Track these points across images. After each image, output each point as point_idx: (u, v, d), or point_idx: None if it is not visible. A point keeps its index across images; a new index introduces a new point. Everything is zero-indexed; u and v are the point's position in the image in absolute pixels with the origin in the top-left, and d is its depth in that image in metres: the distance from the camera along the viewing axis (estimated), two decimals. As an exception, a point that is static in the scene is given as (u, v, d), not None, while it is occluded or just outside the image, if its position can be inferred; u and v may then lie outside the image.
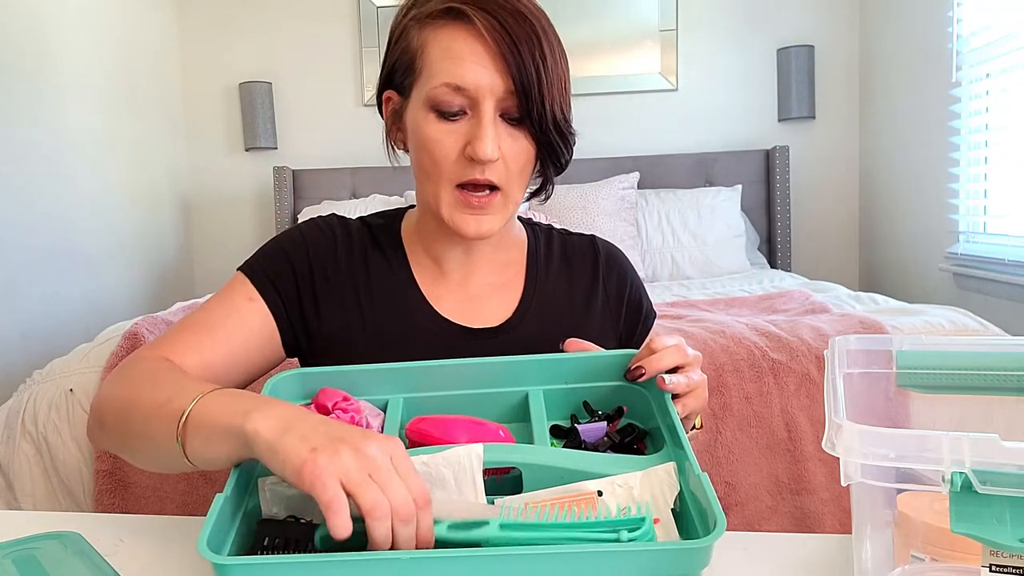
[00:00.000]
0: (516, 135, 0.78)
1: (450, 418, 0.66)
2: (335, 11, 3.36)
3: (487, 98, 0.75)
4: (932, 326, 1.59)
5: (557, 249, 0.93)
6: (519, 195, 0.82)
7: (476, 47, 0.75)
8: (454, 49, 0.75)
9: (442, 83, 0.75)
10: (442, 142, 0.76)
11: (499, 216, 0.80)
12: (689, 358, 0.70)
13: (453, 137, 0.76)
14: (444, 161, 0.77)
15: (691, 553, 0.48)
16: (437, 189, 0.79)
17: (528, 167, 0.81)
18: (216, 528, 0.51)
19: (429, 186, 0.80)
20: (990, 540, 0.43)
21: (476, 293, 0.88)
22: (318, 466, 0.50)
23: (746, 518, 1.43)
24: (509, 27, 0.74)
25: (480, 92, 0.75)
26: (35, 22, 2.49)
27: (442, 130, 0.76)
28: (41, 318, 2.46)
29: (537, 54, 0.75)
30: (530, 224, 0.96)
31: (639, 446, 0.68)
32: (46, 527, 0.68)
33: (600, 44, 3.23)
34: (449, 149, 0.76)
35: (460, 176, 0.77)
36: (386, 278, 0.87)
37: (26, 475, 1.45)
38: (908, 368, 0.60)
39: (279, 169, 3.23)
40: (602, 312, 0.91)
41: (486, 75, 0.74)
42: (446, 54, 0.75)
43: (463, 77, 0.74)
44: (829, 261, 3.26)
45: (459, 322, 0.85)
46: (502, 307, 0.88)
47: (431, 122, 0.77)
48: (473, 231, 0.79)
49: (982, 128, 2.37)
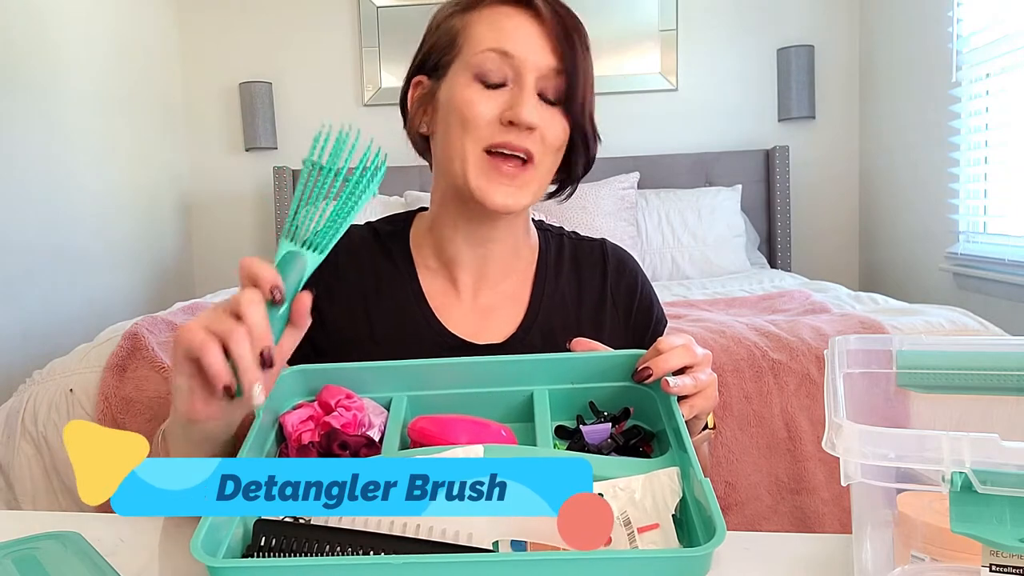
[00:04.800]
0: (554, 116, 0.79)
1: (452, 418, 0.66)
2: (335, 11, 3.36)
3: (531, 72, 0.77)
4: (932, 326, 1.59)
5: (568, 255, 0.92)
6: (547, 177, 0.82)
7: (526, 22, 0.78)
8: (504, 23, 0.78)
9: (488, 48, 0.77)
10: (479, 104, 0.77)
11: (526, 192, 0.79)
12: (698, 358, 0.69)
13: (491, 103, 0.77)
14: (478, 121, 0.77)
15: (690, 561, 0.48)
16: (465, 152, 0.78)
17: (561, 151, 0.81)
18: (212, 529, 0.51)
19: (456, 150, 0.79)
20: (990, 540, 0.43)
21: (485, 303, 0.87)
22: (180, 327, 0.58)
23: (746, 518, 1.43)
24: (561, 13, 0.78)
25: (526, 64, 0.76)
26: (35, 22, 2.49)
27: (482, 95, 0.77)
28: (41, 318, 2.46)
29: (579, 44, 0.78)
30: (542, 228, 0.94)
31: (645, 448, 0.67)
32: (46, 527, 0.67)
33: (600, 44, 3.18)
34: (485, 111, 0.77)
35: (492, 138, 0.77)
36: (393, 289, 0.86)
37: (26, 475, 1.45)
38: (908, 368, 0.59)
39: (279, 169, 3.23)
40: (611, 319, 0.89)
41: (535, 49, 0.77)
42: (494, 26, 0.78)
43: (512, 44, 0.77)
44: (829, 261, 3.26)
45: (466, 337, 0.84)
46: (509, 320, 0.86)
47: (472, 89, 0.78)
48: (500, 201, 0.78)
49: (982, 128, 2.37)
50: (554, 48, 0.77)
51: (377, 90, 3.35)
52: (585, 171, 0.87)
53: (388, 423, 0.67)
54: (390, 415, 0.68)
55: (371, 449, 0.64)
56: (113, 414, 1.42)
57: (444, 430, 0.63)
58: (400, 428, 0.66)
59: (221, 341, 0.56)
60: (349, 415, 0.65)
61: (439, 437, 0.63)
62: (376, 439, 0.65)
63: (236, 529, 0.55)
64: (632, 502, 0.57)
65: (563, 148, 0.81)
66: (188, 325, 0.57)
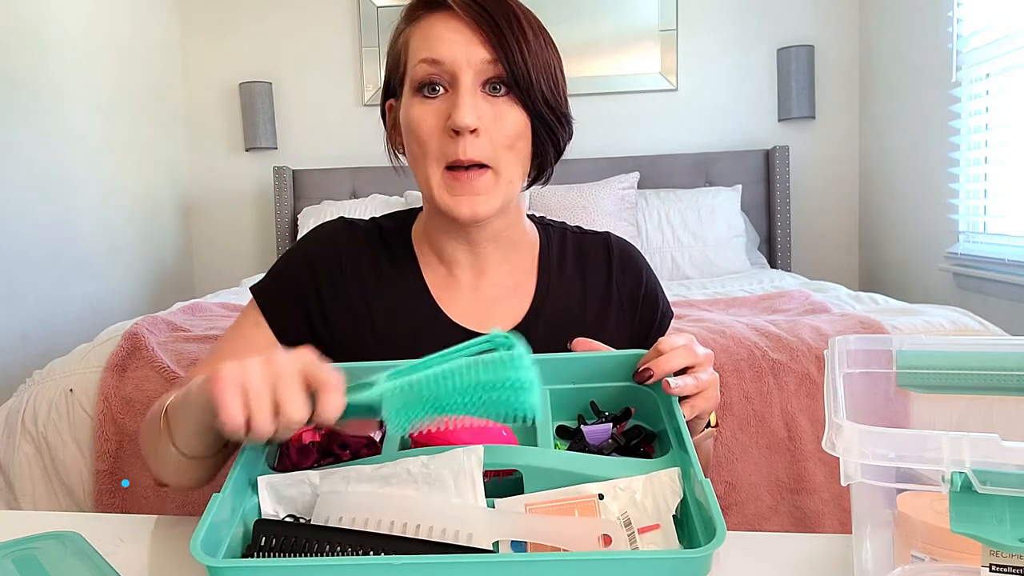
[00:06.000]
0: (502, 107, 0.77)
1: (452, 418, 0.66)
2: (335, 11, 3.36)
3: (464, 70, 0.76)
4: (932, 326, 1.59)
5: (571, 249, 0.92)
6: (513, 174, 0.80)
7: (451, 23, 0.77)
8: (430, 31, 0.78)
9: (420, 59, 0.77)
10: (425, 119, 0.77)
11: (492, 197, 0.78)
12: (700, 358, 0.69)
13: (434, 114, 0.77)
14: (429, 139, 0.77)
15: (690, 562, 0.48)
16: (427, 172, 0.79)
17: (520, 143, 0.79)
18: (212, 528, 0.51)
19: (421, 171, 0.80)
20: (990, 540, 0.43)
21: (487, 296, 0.87)
22: (219, 374, 0.54)
23: (746, 518, 1.43)
24: (484, 4, 0.77)
25: (456, 64, 0.76)
26: (35, 23, 2.49)
27: (423, 108, 0.78)
28: (41, 318, 2.46)
29: (515, 26, 0.77)
30: (542, 224, 0.94)
31: (646, 449, 0.67)
32: (46, 527, 0.68)
33: (600, 44, 3.23)
34: (431, 125, 0.77)
35: (445, 155, 0.77)
36: (396, 283, 0.86)
37: (26, 475, 1.45)
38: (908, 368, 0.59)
39: (279, 169, 3.23)
40: (616, 312, 0.89)
41: (462, 48, 0.76)
42: (423, 36, 0.78)
43: (438, 51, 0.76)
44: (829, 261, 3.26)
45: (470, 327, 0.84)
46: (514, 311, 0.86)
47: (415, 104, 0.78)
48: (466, 212, 0.78)
49: (982, 128, 2.37)
50: (482, 40, 0.76)
51: (377, 90, 3.35)
52: (557, 157, 0.85)
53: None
54: None
55: (371, 449, 0.64)
56: (113, 414, 1.43)
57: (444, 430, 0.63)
58: None
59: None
60: (349, 415, 0.65)
61: (439, 437, 0.63)
62: (376, 439, 0.65)
63: (236, 529, 0.55)
64: (633, 503, 0.57)
65: (524, 136, 0.79)
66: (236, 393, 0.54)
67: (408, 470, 0.57)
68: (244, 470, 0.59)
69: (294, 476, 0.59)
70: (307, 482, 0.59)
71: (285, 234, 3.22)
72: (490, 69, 0.76)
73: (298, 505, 0.59)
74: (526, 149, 0.80)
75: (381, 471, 0.58)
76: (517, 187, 0.82)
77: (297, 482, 0.59)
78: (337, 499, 0.57)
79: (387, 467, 0.58)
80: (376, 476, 0.58)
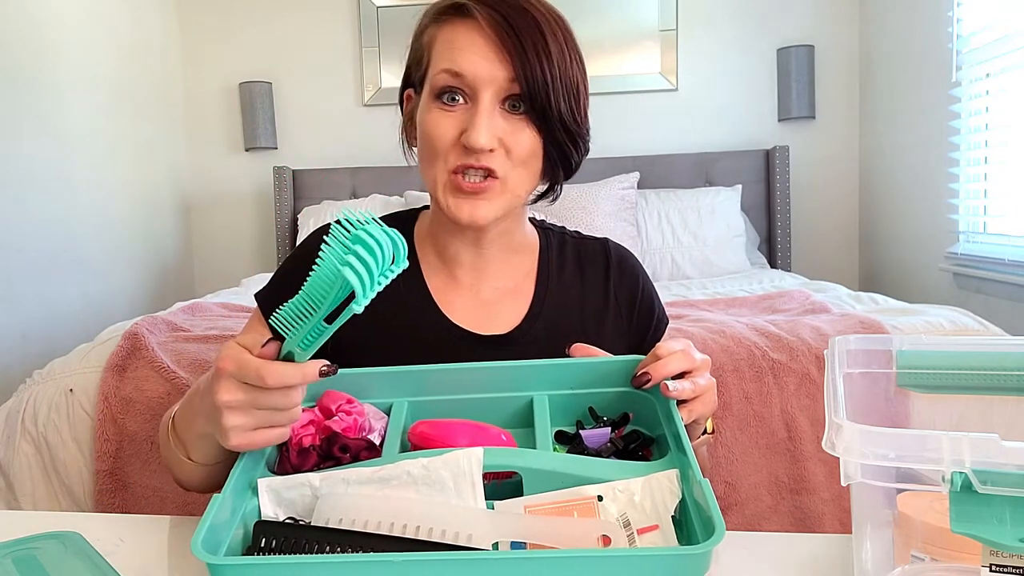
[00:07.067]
0: (519, 126, 0.78)
1: (451, 422, 0.66)
2: (335, 11, 3.36)
3: (485, 88, 0.76)
4: (932, 326, 1.59)
5: (570, 253, 0.92)
6: (521, 188, 0.81)
7: (476, 38, 0.76)
8: (455, 41, 0.77)
9: (442, 68, 0.77)
10: (439, 126, 0.78)
11: (495, 204, 0.79)
12: (697, 363, 0.69)
13: (450, 123, 0.77)
14: (440, 145, 0.78)
15: (690, 559, 0.48)
16: (435, 174, 0.79)
17: (532, 162, 0.80)
18: (212, 528, 0.51)
19: (429, 172, 0.80)
20: (990, 540, 0.43)
21: (488, 298, 0.87)
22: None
23: (746, 518, 1.43)
24: (511, 20, 0.76)
25: (478, 81, 0.76)
26: (35, 23, 2.49)
27: (441, 116, 0.78)
28: (41, 318, 2.46)
29: (540, 47, 0.76)
30: (543, 227, 0.95)
31: (644, 453, 0.67)
32: (46, 527, 0.68)
33: (600, 44, 3.23)
34: (445, 133, 0.77)
35: (456, 161, 0.78)
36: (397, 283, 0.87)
37: (26, 475, 1.45)
38: (908, 368, 0.59)
39: (279, 169, 3.23)
40: (613, 318, 0.90)
41: (485, 65, 0.76)
42: (448, 45, 0.78)
43: (461, 64, 0.76)
44: (829, 261, 3.26)
45: (469, 328, 0.85)
46: (513, 313, 0.87)
47: (432, 109, 0.79)
48: (466, 216, 0.78)
49: (982, 128, 2.37)
50: (502, 58, 0.75)
51: (377, 90, 3.35)
52: (568, 176, 0.86)
53: (388, 427, 0.67)
54: (390, 419, 0.68)
55: (371, 452, 0.64)
56: (113, 414, 1.43)
57: (443, 434, 0.63)
58: (400, 432, 0.66)
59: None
60: (350, 419, 0.65)
61: (439, 441, 0.63)
62: (376, 443, 0.65)
63: (236, 529, 0.55)
64: (632, 504, 0.57)
65: (537, 155, 0.80)
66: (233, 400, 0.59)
67: (408, 472, 0.57)
68: (244, 472, 0.60)
69: (294, 479, 0.59)
70: (307, 485, 0.59)
71: (285, 234, 3.22)
72: (511, 88, 0.76)
73: (298, 507, 0.59)
74: (537, 166, 0.81)
75: (381, 473, 0.58)
76: (522, 200, 0.83)
77: (297, 484, 0.59)
78: (337, 500, 0.57)
79: (387, 469, 0.58)
80: (376, 478, 0.58)
